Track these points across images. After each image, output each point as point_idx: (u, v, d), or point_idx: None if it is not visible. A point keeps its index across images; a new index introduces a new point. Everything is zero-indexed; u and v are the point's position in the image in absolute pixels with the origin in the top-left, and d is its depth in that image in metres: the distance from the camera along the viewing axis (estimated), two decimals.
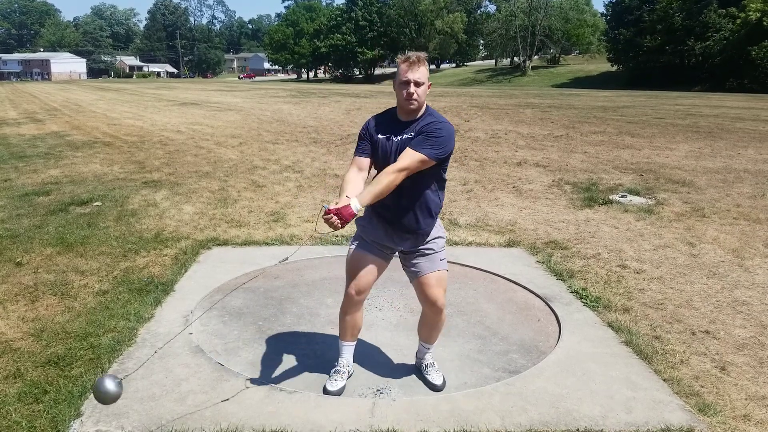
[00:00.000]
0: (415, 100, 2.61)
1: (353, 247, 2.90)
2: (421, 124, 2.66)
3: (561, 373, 3.13)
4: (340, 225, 2.45)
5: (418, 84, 2.59)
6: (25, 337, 3.44)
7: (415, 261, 2.87)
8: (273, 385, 2.97)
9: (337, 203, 2.49)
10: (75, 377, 2.98)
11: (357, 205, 2.48)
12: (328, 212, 2.46)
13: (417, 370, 3.17)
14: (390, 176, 2.55)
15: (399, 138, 2.68)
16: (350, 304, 2.89)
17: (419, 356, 3.17)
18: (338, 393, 2.92)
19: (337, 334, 3.04)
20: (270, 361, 3.25)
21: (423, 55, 2.65)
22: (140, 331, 3.55)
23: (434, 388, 3.00)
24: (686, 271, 4.79)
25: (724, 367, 3.24)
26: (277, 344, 3.45)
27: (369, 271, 2.84)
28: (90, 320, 3.65)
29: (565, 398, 2.89)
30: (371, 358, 3.29)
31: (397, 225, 2.80)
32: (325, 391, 2.93)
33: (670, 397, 2.92)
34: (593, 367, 3.19)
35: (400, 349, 3.41)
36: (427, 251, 2.86)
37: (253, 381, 3.00)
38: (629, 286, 4.43)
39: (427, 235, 2.84)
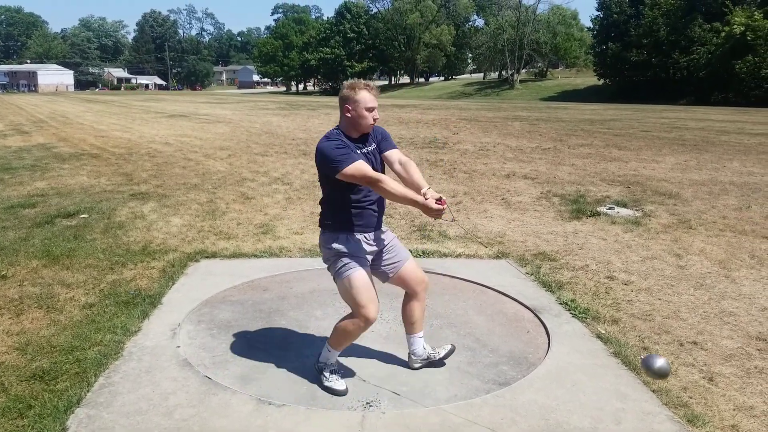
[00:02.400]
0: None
1: (351, 270, 2.87)
2: (374, 133, 2.95)
3: (551, 384, 3.13)
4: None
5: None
6: (9, 351, 3.39)
7: (387, 256, 3.08)
8: (261, 398, 2.95)
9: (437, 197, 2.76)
10: (60, 392, 2.94)
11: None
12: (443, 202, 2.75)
13: (413, 373, 3.20)
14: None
15: (368, 149, 2.91)
16: (366, 328, 2.92)
17: (419, 352, 3.27)
18: (346, 391, 3.02)
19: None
20: (259, 374, 3.23)
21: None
22: (127, 344, 3.51)
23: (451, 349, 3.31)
24: (673, 282, 4.83)
25: (712, 378, 3.26)
26: (266, 357, 3.42)
27: (374, 289, 2.96)
28: (76, 334, 3.61)
29: (555, 410, 2.89)
30: (361, 370, 3.28)
31: (378, 222, 3.00)
32: (337, 392, 3.00)
33: (659, 408, 2.93)
34: (583, 379, 3.20)
35: (390, 361, 3.39)
36: (392, 241, 3.12)
37: (241, 394, 2.98)
38: (617, 298, 4.46)
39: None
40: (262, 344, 3.60)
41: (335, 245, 2.90)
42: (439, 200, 2.73)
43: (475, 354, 3.52)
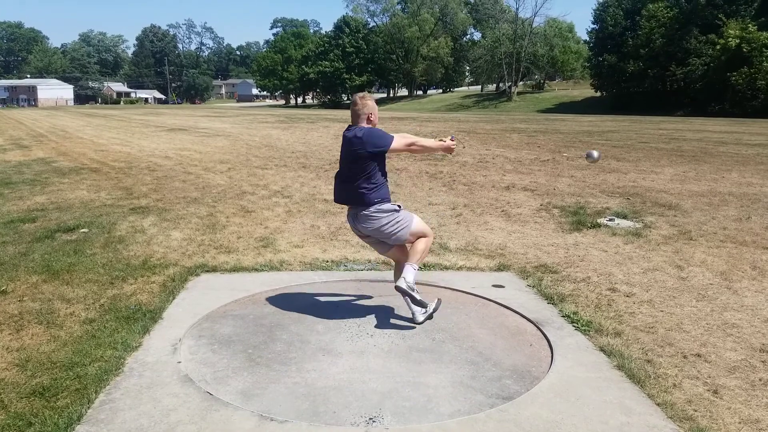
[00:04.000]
0: None
1: (411, 215, 4.02)
2: None
3: (555, 398, 3.11)
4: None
5: None
6: (9, 368, 3.37)
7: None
8: (263, 414, 2.92)
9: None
10: (61, 408, 2.91)
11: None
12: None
13: (416, 388, 3.16)
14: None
15: None
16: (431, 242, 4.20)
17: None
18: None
19: (328, 360, 3.17)
20: (260, 389, 3.20)
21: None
22: (128, 360, 3.49)
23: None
24: (675, 294, 4.81)
25: (716, 391, 3.24)
26: (268, 372, 3.40)
27: None
28: (76, 349, 3.59)
29: (559, 424, 2.86)
30: (363, 385, 3.25)
31: None
32: (425, 303, 4.01)
33: (664, 421, 2.91)
34: (587, 392, 3.18)
35: (393, 376, 3.37)
36: None
37: (243, 410, 2.95)
38: (620, 310, 4.44)
39: None
40: (264, 359, 3.58)
41: (391, 205, 3.90)
42: (451, 139, 4.14)
43: (478, 368, 3.50)
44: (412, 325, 4.09)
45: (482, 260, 5.71)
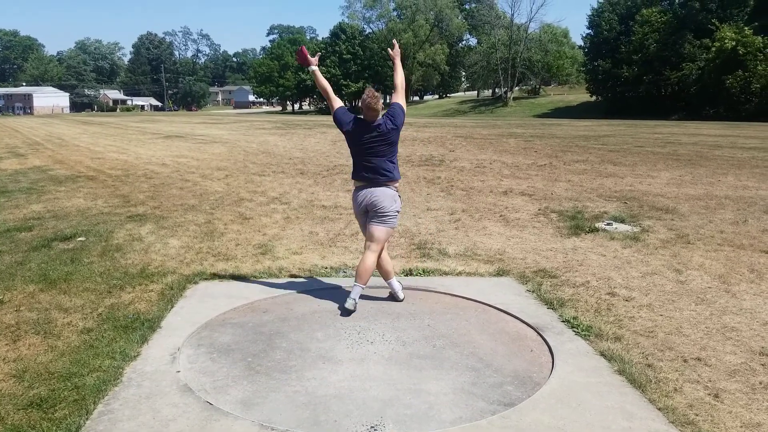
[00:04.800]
0: None
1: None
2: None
3: (556, 404, 3.10)
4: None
5: None
6: (6, 379, 3.34)
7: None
8: (264, 423, 2.90)
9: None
10: (59, 420, 2.89)
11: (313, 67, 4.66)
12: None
13: (417, 395, 3.14)
14: None
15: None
16: None
17: (396, 287, 4.71)
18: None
19: (328, 368, 3.14)
20: (260, 398, 3.18)
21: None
22: (126, 370, 3.47)
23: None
24: (674, 297, 4.81)
25: (717, 395, 3.23)
26: (268, 381, 3.38)
27: None
28: (74, 359, 3.56)
29: (561, 430, 2.85)
30: (364, 393, 3.24)
31: None
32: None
33: (666, 426, 2.90)
34: (588, 398, 3.17)
35: (394, 383, 3.35)
36: None
37: (243, 420, 2.93)
38: (619, 314, 4.44)
39: None
40: (264, 368, 3.56)
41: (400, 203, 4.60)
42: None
43: (479, 374, 3.48)
44: (413, 331, 4.09)
45: (481, 265, 5.71)
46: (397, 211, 4.53)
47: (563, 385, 3.30)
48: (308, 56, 4.62)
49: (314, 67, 4.63)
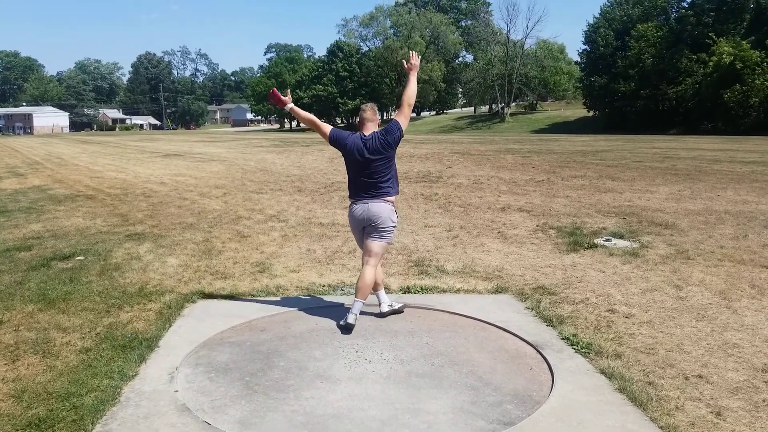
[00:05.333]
0: None
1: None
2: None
3: (556, 423, 3.08)
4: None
5: None
6: (5, 399, 3.32)
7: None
8: None
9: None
10: None
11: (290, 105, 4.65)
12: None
13: (416, 414, 3.11)
14: None
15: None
16: None
17: (384, 299, 4.77)
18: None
19: (326, 387, 3.04)
20: (258, 418, 3.16)
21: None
22: (124, 389, 3.44)
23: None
24: (675, 314, 4.80)
25: (719, 413, 3.21)
26: (265, 401, 3.36)
27: None
28: (72, 379, 3.54)
29: None
30: (362, 412, 3.21)
31: None
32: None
33: None
34: (589, 416, 3.14)
35: (392, 402, 3.33)
36: None
37: None
38: (619, 331, 4.42)
39: None
40: (261, 387, 3.53)
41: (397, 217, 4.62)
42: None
43: (478, 393, 3.46)
44: (411, 349, 4.07)
45: (480, 282, 5.70)
46: (394, 226, 4.57)
47: (563, 404, 3.28)
48: (281, 97, 4.61)
49: (291, 105, 4.62)
